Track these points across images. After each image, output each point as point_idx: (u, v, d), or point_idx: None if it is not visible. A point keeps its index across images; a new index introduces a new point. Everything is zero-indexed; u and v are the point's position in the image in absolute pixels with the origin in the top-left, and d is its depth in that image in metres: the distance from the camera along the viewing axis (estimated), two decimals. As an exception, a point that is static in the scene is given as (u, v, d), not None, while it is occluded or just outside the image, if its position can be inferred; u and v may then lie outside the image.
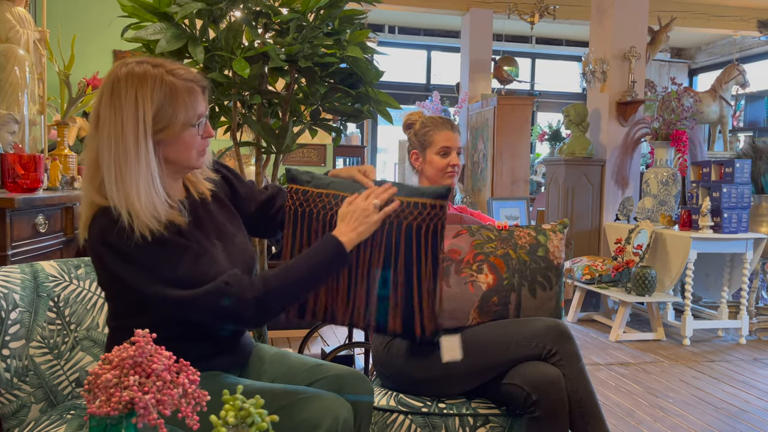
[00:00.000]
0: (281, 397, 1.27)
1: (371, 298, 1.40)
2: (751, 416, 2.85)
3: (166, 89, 1.23)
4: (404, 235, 1.38)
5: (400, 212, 1.39)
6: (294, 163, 5.32)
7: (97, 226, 1.23)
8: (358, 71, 2.01)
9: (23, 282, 1.44)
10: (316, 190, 1.43)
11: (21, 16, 2.71)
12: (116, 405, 0.82)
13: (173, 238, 1.23)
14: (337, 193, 1.42)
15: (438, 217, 1.39)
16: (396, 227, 1.39)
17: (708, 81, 7.16)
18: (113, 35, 3.13)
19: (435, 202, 1.40)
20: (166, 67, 1.25)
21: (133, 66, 1.24)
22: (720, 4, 7.11)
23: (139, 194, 1.20)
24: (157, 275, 1.21)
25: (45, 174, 2.45)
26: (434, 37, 8.53)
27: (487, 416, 1.63)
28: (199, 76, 1.29)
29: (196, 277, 1.22)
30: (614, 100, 5.03)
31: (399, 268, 1.38)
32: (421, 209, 1.39)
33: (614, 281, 4.30)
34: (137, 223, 1.19)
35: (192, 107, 1.26)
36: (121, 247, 1.20)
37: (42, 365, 1.43)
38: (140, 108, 1.21)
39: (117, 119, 1.21)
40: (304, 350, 3.30)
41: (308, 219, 1.42)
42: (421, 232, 1.38)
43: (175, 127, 1.24)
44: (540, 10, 5.78)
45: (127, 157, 1.20)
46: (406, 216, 1.39)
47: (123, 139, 1.20)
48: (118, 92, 1.22)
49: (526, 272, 1.71)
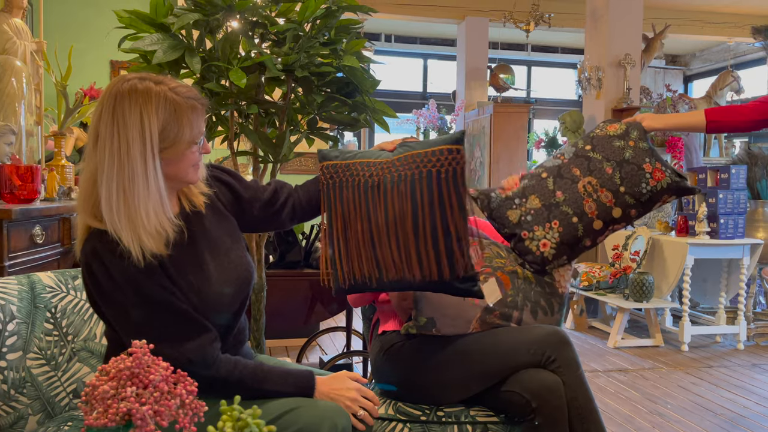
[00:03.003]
0: (279, 405, 1.27)
1: (405, 251, 1.42)
2: (749, 422, 2.85)
3: (171, 107, 1.20)
4: (425, 181, 1.41)
5: (420, 162, 1.43)
6: (291, 172, 5.33)
7: (89, 247, 1.21)
8: (355, 80, 2.02)
9: (20, 293, 1.44)
10: (343, 162, 1.49)
11: (18, 27, 2.72)
12: (113, 416, 0.82)
13: (159, 289, 1.21)
14: (363, 161, 1.48)
15: (456, 161, 1.42)
16: (417, 176, 1.42)
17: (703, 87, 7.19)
18: (110, 46, 3.14)
19: (452, 147, 1.43)
20: (169, 84, 1.23)
21: (135, 82, 1.20)
22: (714, 11, 7.16)
23: (149, 215, 1.18)
24: (131, 318, 1.20)
25: (42, 185, 2.45)
26: (430, 45, 8.56)
27: (485, 424, 1.63)
28: (199, 94, 1.28)
29: (171, 334, 1.21)
30: (610, 107, 5.05)
31: (425, 215, 1.41)
32: (438, 155, 1.42)
33: (612, 288, 4.30)
34: (136, 246, 1.17)
35: (196, 125, 1.25)
36: (107, 275, 1.19)
37: (39, 377, 1.42)
38: (146, 126, 1.18)
39: (121, 137, 1.17)
40: (303, 359, 3.29)
41: (340, 189, 1.48)
42: (440, 177, 1.41)
43: (180, 145, 1.23)
44: (535, 18, 5.81)
45: (133, 177, 1.17)
46: (425, 164, 1.42)
47: (129, 157, 1.17)
48: (122, 109, 1.18)
49: (530, 293, 1.72)
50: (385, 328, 1.84)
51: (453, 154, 1.42)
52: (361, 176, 1.47)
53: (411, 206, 1.41)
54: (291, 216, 1.52)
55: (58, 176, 2.65)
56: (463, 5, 6.76)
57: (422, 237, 1.40)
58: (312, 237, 2.90)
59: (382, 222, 1.43)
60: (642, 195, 1.75)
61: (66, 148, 2.93)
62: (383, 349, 1.75)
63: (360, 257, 1.45)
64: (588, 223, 1.75)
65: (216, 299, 1.29)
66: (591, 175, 1.76)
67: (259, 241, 2.17)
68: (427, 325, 1.68)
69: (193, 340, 1.23)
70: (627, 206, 1.75)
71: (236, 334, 1.39)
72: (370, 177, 1.46)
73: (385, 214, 1.43)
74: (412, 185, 1.42)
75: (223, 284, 1.31)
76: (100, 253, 1.19)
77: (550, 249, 1.74)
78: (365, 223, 1.45)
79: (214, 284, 1.28)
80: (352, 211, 1.46)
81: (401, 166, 1.45)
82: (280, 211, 1.50)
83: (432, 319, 1.68)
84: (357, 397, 1.33)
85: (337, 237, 1.47)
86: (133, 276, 1.19)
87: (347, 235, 1.46)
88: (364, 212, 1.45)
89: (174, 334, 1.22)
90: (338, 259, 1.47)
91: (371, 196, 1.45)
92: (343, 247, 1.46)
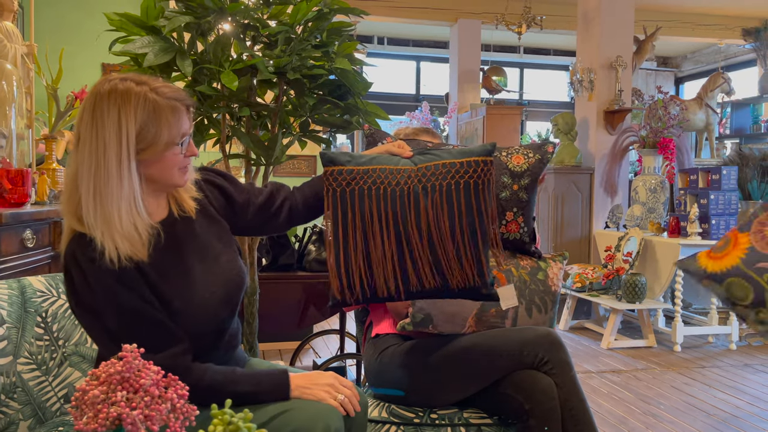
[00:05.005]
0: (272, 407, 1.26)
1: (439, 260, 1.43)
2: (741, 422, 2.86)
3: (150, 108, 1.20)
4: (463, 192, 1.44)
5: (454, 172, 1.45)
6: (284, 175, 5.32)
7: (70, 251, 1.20)
8: (347, 83, 2.01)
9: (10, 297, 1.43)
10: (362, 168, 1.46)
11: (8, 30, 2.71)
12: (104, 421, 0.81)
13: (134, 298, 1.19)
14: (384, 167, 1.47)
15: (490, 172, 1.46)
16: (454, 186, 1.44)
17: (694, 89, 7.24)
18: (101, 49, 3.13)
19: (486, 158, 1.46)
20: (150, 84, 1.22)
21: (116, 83, 1.20)
22: (705, 13, 7.20)
23: (121, 216, 1.18)
24: (104, 326, 1.19)
25: (33, 188, 2.43)
26: (423, 47, 8.58)
27: (479, 426, 1.63)
28: (183, 94, 1.26)
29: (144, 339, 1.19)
30: (602, 109, 5.07)
31: (464, 224, 1.43)
32: (474, 166, 1.45)
33: (605, 289, 4.32)
34: (111, 248, 1.16)
35: (176, 126, 1.23)
36: (83, 281, 1.18)
37: (30, 381, 1.41)
38: (123, 127, 1.18)
39: (99, 138, 1.17)
40: (296, 362, 3.28)
41: (359, 196, 1.44)
42: (478, 188, 1.45)
43: (158, 147, 1.22)
44: (527, 21, 5.83)
45: (108, 177, 1.17)
46: (462, 175, 1.45)
47: (105, 158, 1.17)
48: (101, 110, 1.18)
49: (525, 291, 1.73)
50: (378, 330, 1.83)
51: (488, 166, 1.46)
52: (386, 184, 1.44)
53: (448, 215, 1.43)
54: (287, 220, 1.50)
55: (49, 180, 2.64)
56: (455, 8, 6.78)
57: (462, 245, 1.42)
58: (305, 240, 2.90)
59: (414, 231, 1.42)
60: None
61: (57, 152, 2.91)
62: (377, 352, 1.75)
63: (385, 268, 1.43)
64: None
65: (202, 303, 1.28)
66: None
67: (251, 244, 2.16)
68: (423, 322, 1.68)
69: (163, 351, 1.21)
70: None
71: (228, 338, 1.38)
72: (397, 185, 1.44)
73: (417, 222, 1.42)
74: (448, 195, 1.43)
75: (211, 289, 1.30)
76: (78, 258, 1.18)
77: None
78: (391, 233, 1.42)
79: (200, 289, 1.27)
80: (375, 221, 1.42)
81: (432, 175, 1.45)
82: (276, 214, 1.49)
83: (429, 315, 1.68)
84: (334, 383, 1.32)
85: (344, 245, 1.42)
86: (108, 284, 1.17)
87: (367, 246, 1.42)
88: (391, 221, 1.42)
89: (145, 345, 1.20)
90: (350, 270, 1.43)
91: (400, 204, 1.43)
92: (363, 259, 1.42)
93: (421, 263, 1.43)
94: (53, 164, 2.80)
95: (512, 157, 1.82)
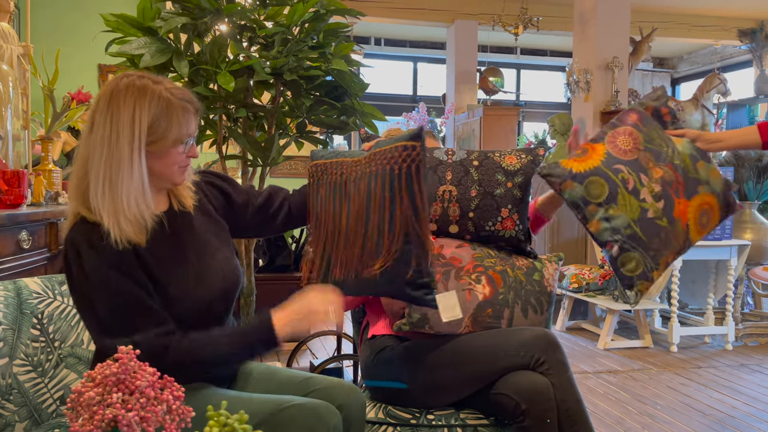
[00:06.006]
0: (270, 406, 1.26)
1: (359, 250, 1.41)
2: (738, 422, 2.87)
3: (163, 104, 1.26)
4: (379, 178, 1.38)
5: (383, 159, 1.40)
6: (281, 175, 5.32)
7: (71, 236, 1.24)
8: (343, 84, 2.02)
9: (6, 299, 1.42)
10: (326, 161, 1.50)
11: (4, 31, 2.70)
12: (99, 423, 0.81)
13: (128, 283, 1.22)
14: (341, 160, 1.49)
15: (411, 158, 1.35)
16: (375, 173, 1.40)
17: (690, 90, 7.25)
18: (98, 50, 3.12)
19: (407, 143, 1.36)
20: (165, 84, 1.29)
21: (134, 79, 1.27)
22: (701, 14, 7.22)
23: (129, 202, 1.22)
24: (95, 310, 1.22)
25: (29, 189, 2.43)
26: (420, 48, 8.59)
27: (476, 427, 1.63)
28: (194, 98, 1.32)
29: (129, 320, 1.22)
30: (598, 110, 5.08)
31: (375, 213, 1.38)
32: (394, 152, 1.37)
33: (601, 289, 4.32)
34: (116, 230, 1.21)
35: (185, 125, 1.29)
36: (79, 265, 1.22)
37: (26, 383, 1.41)
38: (137, 117, 1.23)
39: (113, 125, 1.23)
40: (293, 363, 3.28)
41: (318, 188, 1.49)
42: (394, 173, 1.35)
43: (166, 142, 1.27)
44: (524, 22, 5.84)
45: (120, 163, 1.22)
46: (388, 161, 1.38)
47: (118, 145, 1.22)
48: (117, 101, 1.24)
49: (521, 291, 1.73)
50: (374, 331, 1.83)
51: (408, 151, 1.34)
52: (336, 175, 1.48)
53: (366, 203, 1.40)
54: (285, 221, 1.53)
55: (45, 181, 2.63)
56: (452, 8, 6.78)
57: (370, 236, 1.38)
58: (302, 241, 2.90)
59: (344, 220, 1.43)
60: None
61: (53, 153, 2.91)
62: (373, 353, 1.75)
63: (336, 258, 1.45)
64: None
65: (197, 294, 1.30)
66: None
67: (248, 245, 2.16)
68: (420, 321, 1.68)
69: (149, 330, 1.22)
70: None
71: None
72: (341, 175, 1.47)
73: (349, 212, 1.43)
74: (368, 182, 1.40)
75: (206, 284, 1.31)
76: (78, 243, 1.22)
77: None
78: (331, 222, 1.46)
79: (196, 280, 1.30)
80: (322, 211, 1.47)
81: (367, 163, 1.44)
82: (275, 216, 1.52)
83: (425, 315, 1.68)
84: (322, 311, 1.35)
85: (314, 238, 1.48)
86: (102, 270, 1.21)
87: (319, 235, 1.47)
88: (330, 210, 1.46)
89: (132, 332, 1.22)
90: (316, 261, 1.48)
91: (338, 194, 1.46)
92: (319, 249, 1.47)
93: (349, 253, 1.43)
94: (49, 165, 2.80)
95: (505, 157, 1.82)
